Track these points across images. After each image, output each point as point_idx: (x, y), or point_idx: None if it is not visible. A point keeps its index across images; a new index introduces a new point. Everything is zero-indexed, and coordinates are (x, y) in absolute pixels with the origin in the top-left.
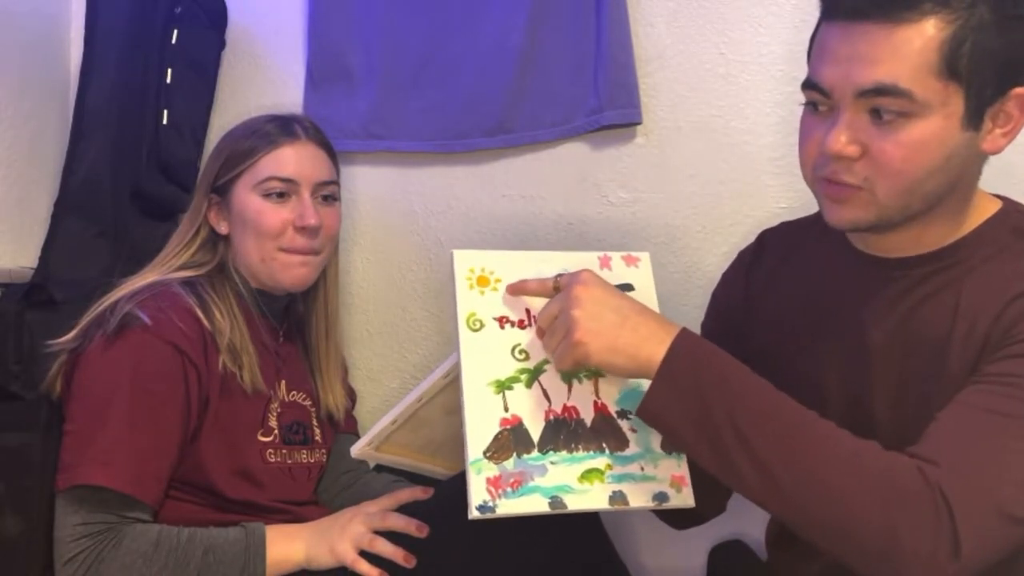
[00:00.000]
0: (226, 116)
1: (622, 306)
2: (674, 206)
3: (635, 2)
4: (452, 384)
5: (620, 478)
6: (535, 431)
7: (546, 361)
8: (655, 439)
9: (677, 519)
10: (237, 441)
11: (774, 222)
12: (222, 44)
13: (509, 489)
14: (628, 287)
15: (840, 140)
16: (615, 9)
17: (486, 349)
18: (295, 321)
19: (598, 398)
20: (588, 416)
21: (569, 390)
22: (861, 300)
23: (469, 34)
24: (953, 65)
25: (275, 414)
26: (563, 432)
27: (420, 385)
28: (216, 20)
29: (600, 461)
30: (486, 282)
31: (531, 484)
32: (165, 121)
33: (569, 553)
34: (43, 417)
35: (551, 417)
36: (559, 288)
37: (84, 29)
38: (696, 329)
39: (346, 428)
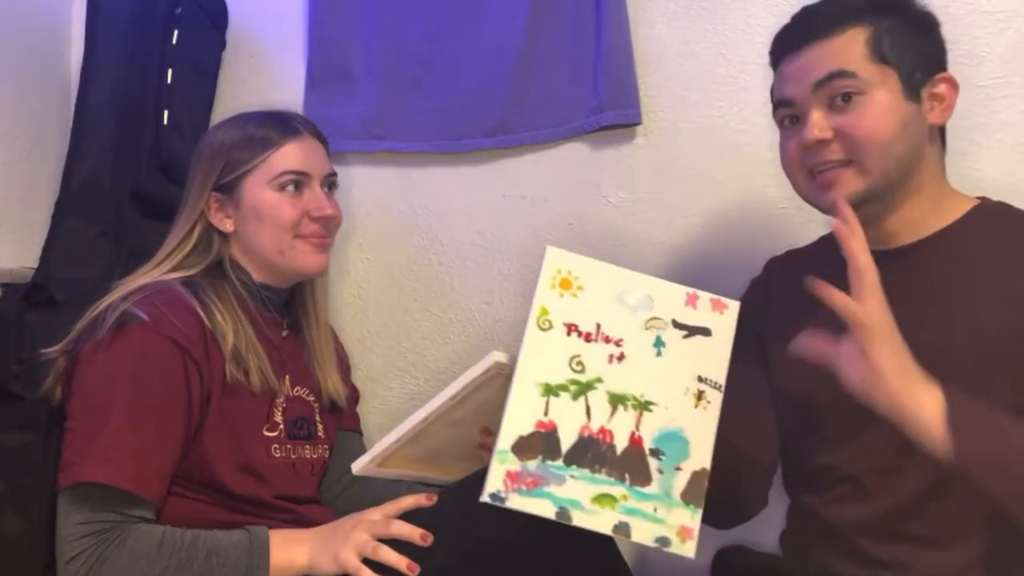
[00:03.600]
0: (226, 116)
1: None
2: (674, 206)
3: (635, 2)
4: (459, 404)
5: (631, 511)
6: (567, 442)
7: (599, 379)
8: (678, 486)
9: (722, 520)
10: (242, 436)
11: (774, 222)
12: (222, 44)
13: (524, 487)
14: (705, 331)
15: (814, 129)
16: (615, 9)
17: (547, 350)
18: (294, 315)
19: (637, 431)
20: (621, 444)
21: (612, 414)
22: None
23: (469, 34)
24: (880, 52)
25: (280, 409)
26: (592, 451)
27: (426, 405)
28: (217, 20)
29: (618, 490)
30: (568, 285)
31: (546, 489)
32: (166, 121)
33: (574, 560)
34: (44, 417)
35: (586, 434)
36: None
37: (85, 29)
38: None
39: (349, 424)
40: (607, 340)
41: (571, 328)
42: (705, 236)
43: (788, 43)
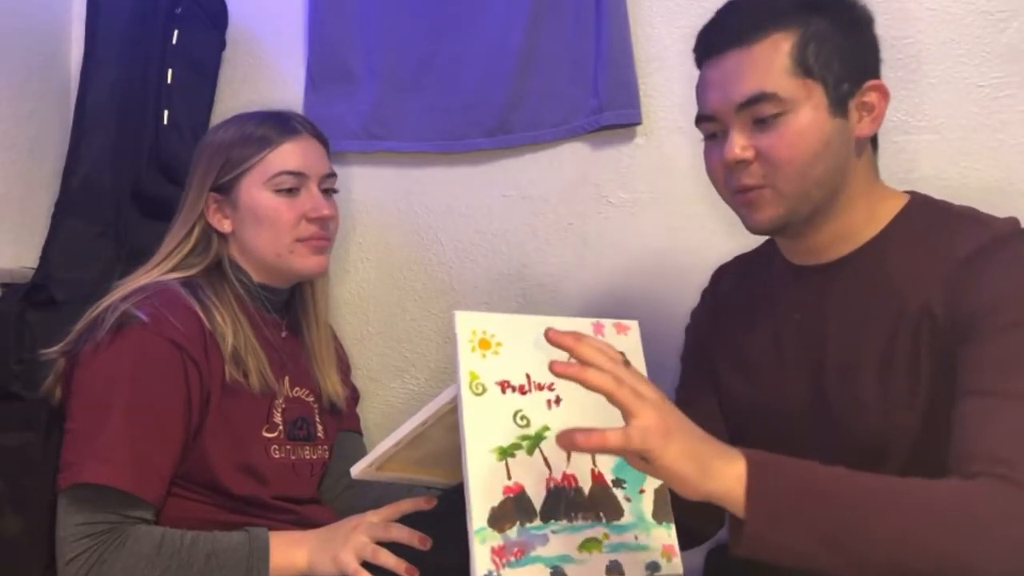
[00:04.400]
0: (226, 116)
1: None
2: (674, 206)
3: (635, 2)
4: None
5: (616, 547)
6: (537, 499)
7: (546, 428)
8: (647, 508)
9: (682, 542)
10: (242, 437)
11: None
12: (222, 44)
13: (512, 559)
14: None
15: (734, 149)
16: (615, 9)
17: (489, 414)
18: (294, 316)
19: (595, 467)
20: (586, 484)
21: (568, 458)
22: (807, 312)
23: (469, 34)
24: (805, 64)
25: (280, 410)
26: (563, 501)
27: (424, 409)
28: (216, 20)
29: (598, 531)
30: (487, 345)
31: (533, 554)
32: (166, 121)
33: None
34: (44, 417)
35: (552, 485)
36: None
37: (85, 29)
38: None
39: (349, 425)
40: (540, 387)
41: (504, 385)
42: (705, 236)
43: (710, 45)
